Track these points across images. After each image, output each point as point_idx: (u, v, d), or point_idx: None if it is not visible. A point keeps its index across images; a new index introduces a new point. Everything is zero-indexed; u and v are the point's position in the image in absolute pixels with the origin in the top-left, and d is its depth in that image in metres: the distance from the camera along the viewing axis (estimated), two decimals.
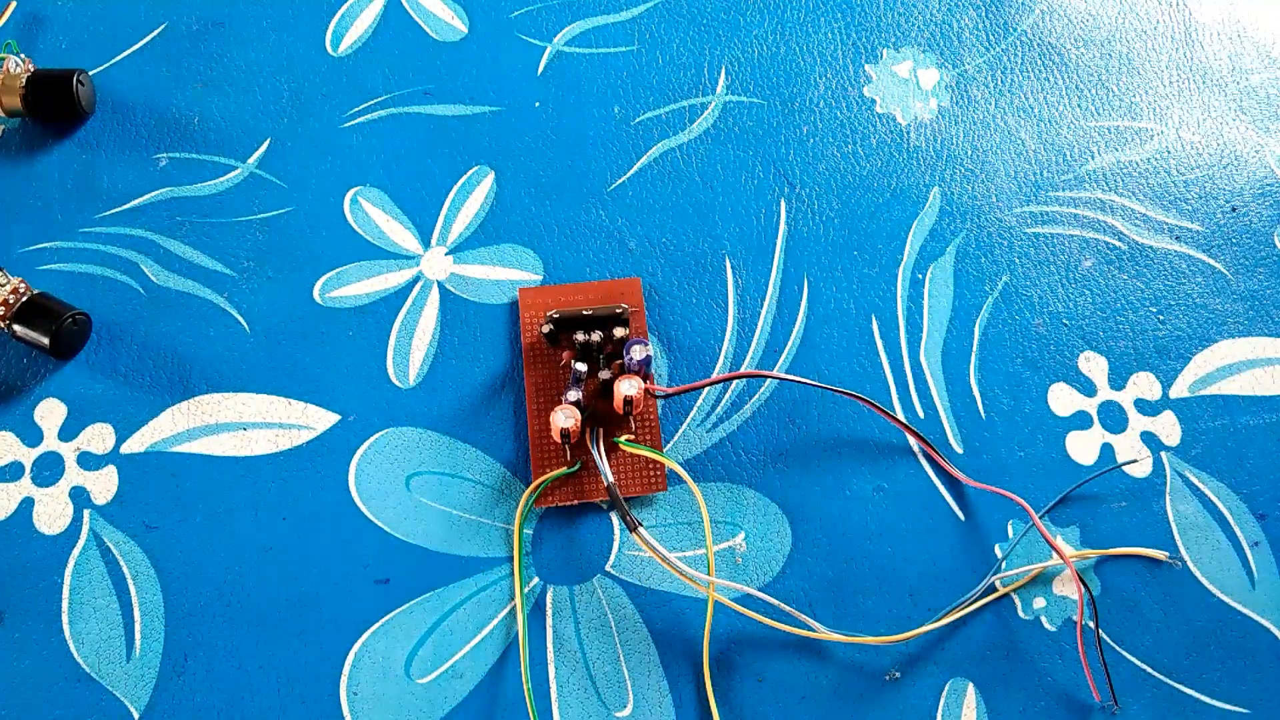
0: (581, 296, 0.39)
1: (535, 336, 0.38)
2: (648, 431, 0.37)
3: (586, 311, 0.36)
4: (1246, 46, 0.46)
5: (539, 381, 0.37)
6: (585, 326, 0.37)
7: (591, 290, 0.39)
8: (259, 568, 0.35)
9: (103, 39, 0.44)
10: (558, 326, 0.37)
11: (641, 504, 0.36)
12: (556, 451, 0.36)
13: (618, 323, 0.37)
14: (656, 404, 0.37)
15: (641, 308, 0.39)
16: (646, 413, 0.37)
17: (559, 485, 0.36)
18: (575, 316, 0.36)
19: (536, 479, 0.35)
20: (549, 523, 0.36)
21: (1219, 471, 0.37)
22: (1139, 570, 0.36)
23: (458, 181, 0.42)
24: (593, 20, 0.46)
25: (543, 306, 0.39)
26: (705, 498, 0.36)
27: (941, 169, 0.43)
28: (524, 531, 0.35)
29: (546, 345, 0.38)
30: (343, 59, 0.44)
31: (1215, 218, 0.42)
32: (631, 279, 0.39)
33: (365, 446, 0.37)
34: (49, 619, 0.34)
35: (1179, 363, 0.39)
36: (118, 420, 0.37)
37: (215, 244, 0.40)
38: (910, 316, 0.40)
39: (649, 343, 0.35)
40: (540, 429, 0.36)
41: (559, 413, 0.34)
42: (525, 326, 0.38)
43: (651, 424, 0.37)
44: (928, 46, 0.46)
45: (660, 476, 0.36)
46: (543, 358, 0.38)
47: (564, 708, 0.33)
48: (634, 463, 0.36)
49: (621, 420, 0.36)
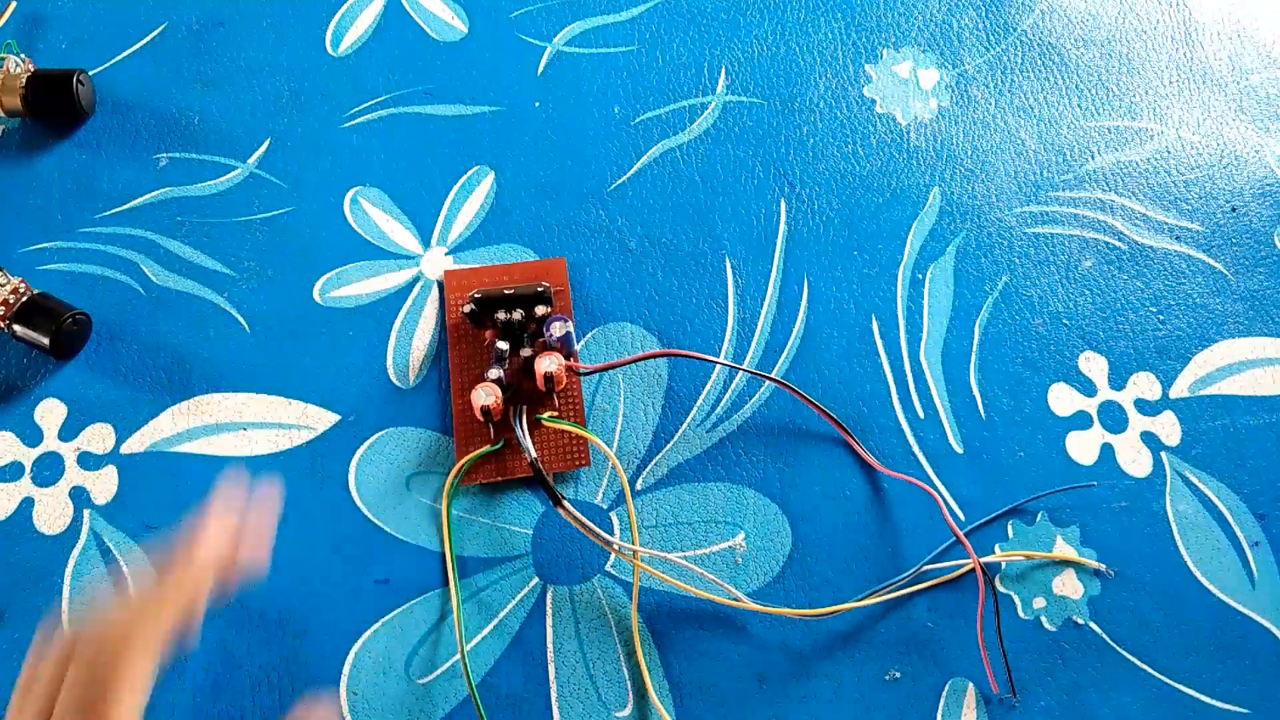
0: (506, 276, 0.39)
1: (458, 317, 0.38)
2: (571, 408, 0.37)
3: (508, 291, 0.37)
4: (1246, 46, 0.46)
5: (460, 361, 0.38)
6: (507, 305, 0.37)
7: (517, 270, 0.39)
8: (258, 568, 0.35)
9: (103, 39, 0.44)
10: (480, 306, 0.37)
11: (643, 504, 0.36)
12: (480, 430, 0.36)
13: (540, 301, 0.37)
14: (580, 381, 0.37)
15: (566, 286, 0.39)
16: (570, 389, 0.37)
17: (484, 463, 0.36)
18: (497, 296, 0.37)
19: (460, 458, 0.36)
20: (549, 524, 0.36)
21: (1219, 471, 0.37)
22: (1139, 570, 0.36)
23: (458, 181, 0.42)
24: (593, 20, 0.46)
25: (468, 287, 0.39)
26: (705, 498, 0.36)
27: (941, 169, 0.43)
28: (452, 513, 0.35)
29: (470, 325, 0.38)
30: (343, 59, 0.44)
31: (1215, 218, 0.42)
32: (557, 259, 0.40)
33: (365, 446, 0.37)
34: (50, 619, 0.34)
35: (1179, 363, 0.39)
36: (118, 420, 0.37)
37: (215, 244, 0.40)
38: (910, 316, 0.40)
39: (568, 319, 0.36)
40: (463, 408, 0.37)
41: (479, 390, 0.34)
42: (450, 307, 0.39)
43: (575, 400, 0.37)
44: (928, 46, 0.46)
45: (583, 452, 0.36)
46: (466, 338, 0.38)
47: (564, 708, 0.33)
48: (558, 439, 0.36)
49: (545, 398, 0.37)
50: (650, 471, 0.37)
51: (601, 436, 0.37)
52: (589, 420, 0.37)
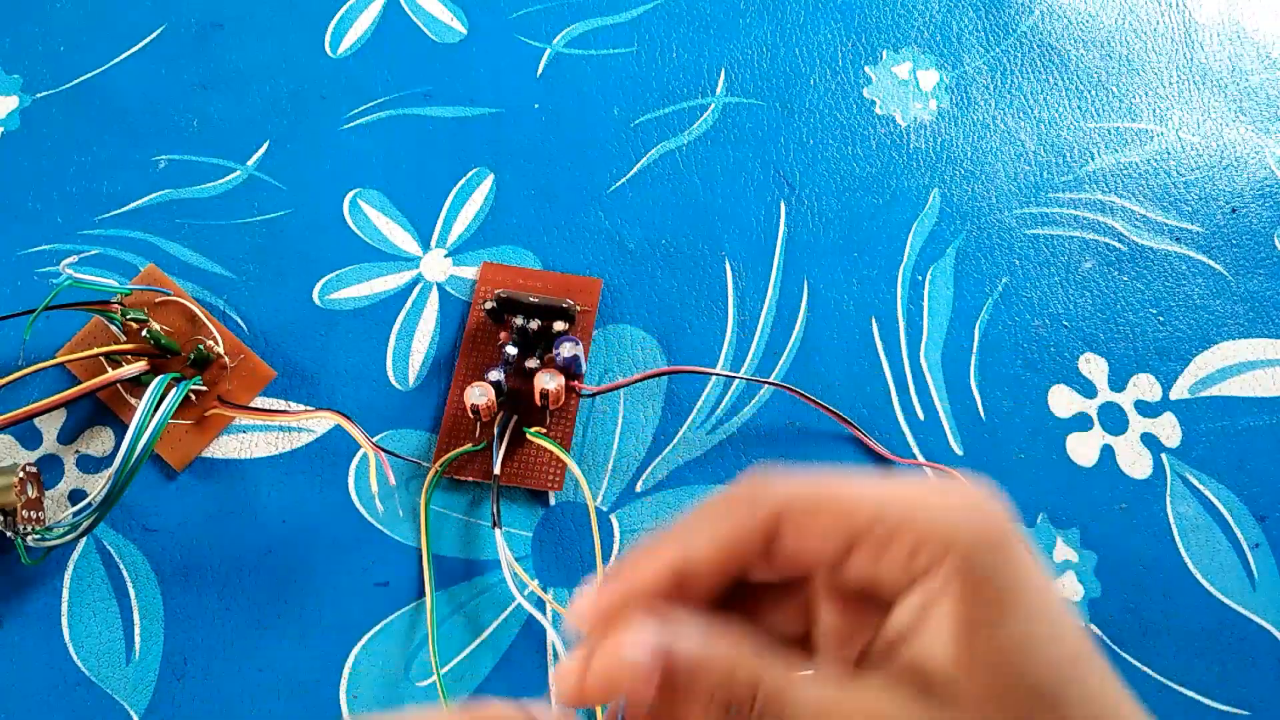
0: (540, 284, 0.39)
1: (481, 312, 0.38)
2: (561, 430, 0.37)
3: (533, 299, 0.37)
4: (1246, 47, 0.46)
5: (471, 352, 0.38)
6: (527, 313, 0.37)
7: (552, 280, 0.39)
8: (259, 571, 0.35)
9: (102, 40, 0.44)
10: (501, 306, 0.37)
11: (643, 506, 0.36)
12: (468, 427, 0.36)
13: (561, 316, 0.37)
14: (578, 405, 0.37)
15: (594, 309, 0.39)
16: (566, 410, 0.37)
17: (469, 461, 0.36)
18: (520, 301, 0.37)
19: (443, 452, 0.36)
20: (548, 525, 0.36)
21: (1219, 473, 0.37)
22: (1139, 572, 0.36)
23: (457, 183, 0.42)
24: (592, 22, 0.46)
25: (501, 283, 0.39)
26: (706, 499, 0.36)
27: (941, 170, 0.43)
28: (430, 507, 0.35)
29: (491, 322, 0.38)
30: (342, 60, 0.44)
31: (1215, 219, 0.42)
32: (595, 279, 0.39)
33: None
34: (49, 623, 0.34)
35: (1179, 364, 0.39)
36: (117, 423, 0.37)
37: (215, 246, 0.40)
38: (910, 318, 0.40)
39: (579, 342, 0.36)
40: (458, 399, 0.37)
41: (474, 388, 0.34)
42: (476, 299, 0.39)
43: (568, 422, 0.37)
44: (927, 48, 0.46)
45: (559, 476, 0.36)
46: (485, 331, 0.38)
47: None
48: (539, 455, 0.36)
49: (539, 413, 0.37)
50: (650, 474, 0.37)
51: (601, 439, 0.37)
52: (584, 439, 0.37)
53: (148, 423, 0.32)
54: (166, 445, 0.36)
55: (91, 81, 0.43)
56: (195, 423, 0.36)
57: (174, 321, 0.38)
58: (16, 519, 0.32)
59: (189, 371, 0.37)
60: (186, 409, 0.36)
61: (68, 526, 0.32)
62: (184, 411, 0.36)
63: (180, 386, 0.34)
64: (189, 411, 0.36)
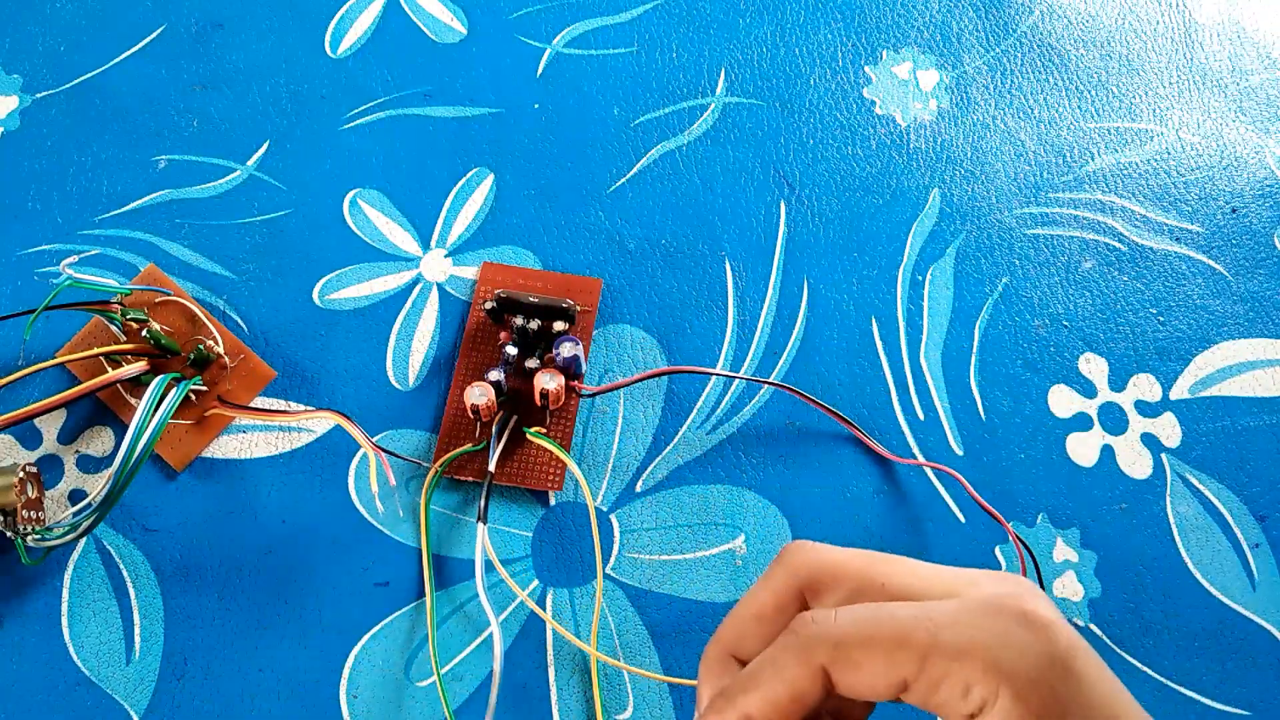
0: (540, 284, 0.39)
1: (481, 312, 0.38)
2: (561, 429, 0.37)
3: (533, 299, 0.37)
4: (1246, 47, 0.46)
5: (471, 352, 0.38)
6: (527, 313, 0.37)
7: (553, 280, 0.39)
8: (259, 571, 0.35)
9: (102, 40, 0.44)
10: (501, 306, 0.37)
11: (643, 506, 0.36)
12: (468, 427, 0.36)
13: (562, 316, 0.37)
14: (578, 404, 0.37)
15: (594, 309, 0.39)
16: (566, 410, 0.37)
17: (469, 461, 0.36)
18: (520, 301, 0.37)
19: (443, 452, 0.36)
20: (549, 525, 0.36)
21: (1219, 473, 0.37)
22: (1139, 571, 0.36)
23: (457, 183, 0.42)
24: (592, 22, 0.46)
25: (501, 283, 0.39)
26: (705, 499, 0.36)
27: (941, 170, 0.43)
28: (430, 508, 0.35)
29: (491, 322, 0.38)
30: (342, 60, 0.44)
31: (1215, 219, 0.42)
32: (595, 279, 0.39)
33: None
34: (49, 623, 0.34)
35: (1179, 364, 0.39)
36: (117, 423, 0.37)
37: (215, 246, 0.40)
38: (910, 318, 0.40)
39: (579, 342, 0.36)
40: (458, 399, 0.37)
41: (474, 388, 0.34)
42: (476, 299, 0.39)
43: (568, 422, 0.37)
44: (927, 48, 0.46)
45: (559, 476, 0.36)
46: (485, 332, 0.38)
47: (564, 709, 0.33)
48: (538, 455, 0.36)
49: (539, 413, 0.37)
50: (650, 474, 0.37)
51: (601, 439, 0.37)
52: (584, 439, 0.37)
53: (148, 423, 0.32)
54: (166, 445, 0.36)
55: (91, 81, 0.43)
56: (195, 423, 0.36)
57: (174, 321, 0.38)
58: (16, 519, 0.32)
59: (189, 371, 0.37)
60: (186, 409, 0.36)
61: (68, 526, 0.32)
62: (184, 411, 0.36)
63: (180, 386, 0.34)
64: (189, 411, 0.36)
